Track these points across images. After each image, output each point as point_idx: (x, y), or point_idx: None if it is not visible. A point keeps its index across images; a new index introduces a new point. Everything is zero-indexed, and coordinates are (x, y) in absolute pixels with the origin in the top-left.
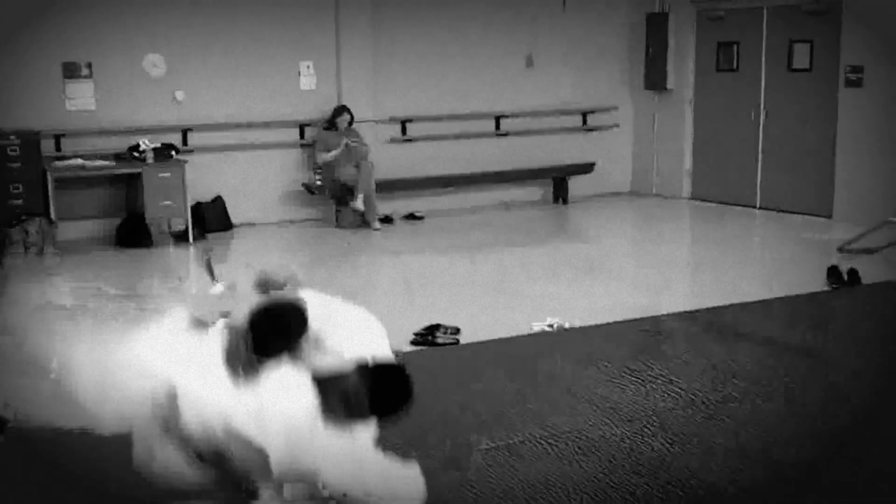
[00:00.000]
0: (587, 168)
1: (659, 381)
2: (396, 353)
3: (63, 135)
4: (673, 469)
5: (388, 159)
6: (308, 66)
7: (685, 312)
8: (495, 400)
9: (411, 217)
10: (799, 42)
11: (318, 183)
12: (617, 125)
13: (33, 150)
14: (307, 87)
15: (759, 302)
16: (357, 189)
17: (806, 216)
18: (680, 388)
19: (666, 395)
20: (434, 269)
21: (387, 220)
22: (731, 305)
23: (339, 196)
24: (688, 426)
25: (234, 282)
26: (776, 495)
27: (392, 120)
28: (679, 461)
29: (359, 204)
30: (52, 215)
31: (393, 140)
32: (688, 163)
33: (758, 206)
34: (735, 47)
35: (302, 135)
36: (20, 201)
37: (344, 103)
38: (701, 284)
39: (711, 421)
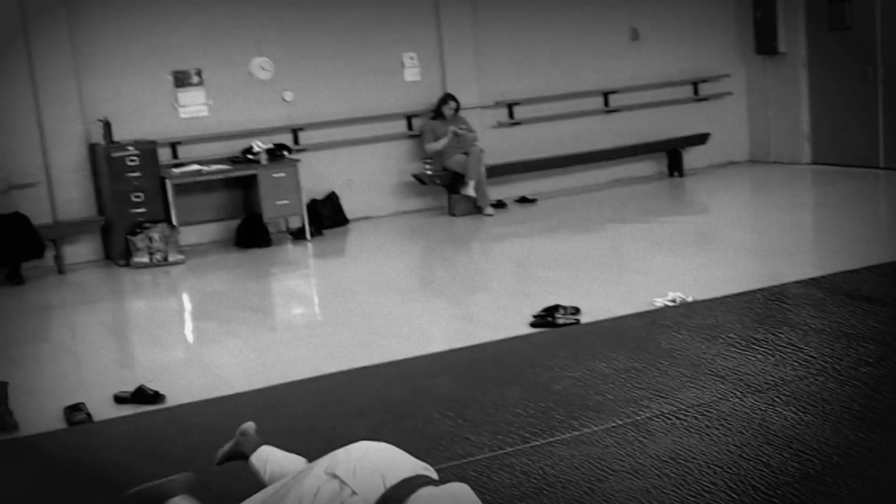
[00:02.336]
0: (701, 139)
1: (787, 350)
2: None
3: (178, 142)
4: (806, 437)
5: (496, 144)
6: (411, 58)
7: (811, 279)
8: (619, 378)
9: (524, 200)
10: None
11: (429, 172)
12: (730, 93)
13: (151, 159)
14: (412, 77)
15: (888, 264)
16: (467, 176)
17: None
18: (809, 356)
19: (795, 363)
20: (550, 250)
21: (499, 204)
22: (859, 269)
23: (450, 184)
24: (820, 393)
25: None
26: None
27: (498, 104)
28: (812, 429)
29: (470, 190)
30: (174, 221)
31: (500, 124)
32: (806, 127)
33: (881, 166)
34: (847, 5)
35: (409, 126)
36: (142, 209)
37: (449, 91)
38: (826, 249)
39: (844, 387)
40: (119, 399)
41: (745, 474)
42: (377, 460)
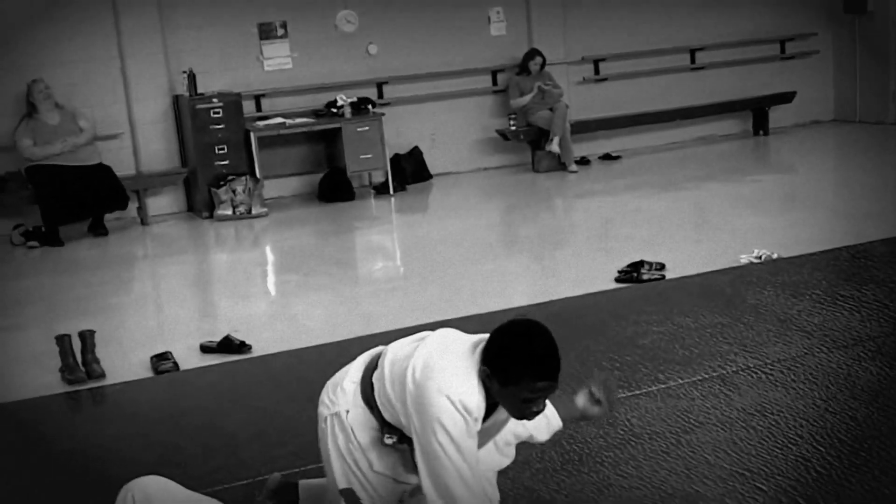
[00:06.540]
0: (787, 97)
1: (874, 307)
2: None
3: (262, 95)
4: (892, 392)
5: (582, 100)
6: (498, 12)
7: None
8: (705, 332)
9: (608, 157)
10: None
11: (513, 128)
12: (817, 51)
13: (235, 111)
14: (498, 32)
15: None
16: (552, 132)
17: None
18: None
19: (881, 320)
20: (634, 207)
21: (583, 161)
22: None
23: (534, 140)
24: None
25: None
26: None
27: (584, 60)
28: None
29: (554, 147)
30: (257, 173)
31: (586, 80)
32: (892, 86)
33: None
34: None
35: (494, 81)
36: (226, 162)
37: (535, 46)
38: None
39: None
40: (205, 349)
41: (831, 428)
42: None
